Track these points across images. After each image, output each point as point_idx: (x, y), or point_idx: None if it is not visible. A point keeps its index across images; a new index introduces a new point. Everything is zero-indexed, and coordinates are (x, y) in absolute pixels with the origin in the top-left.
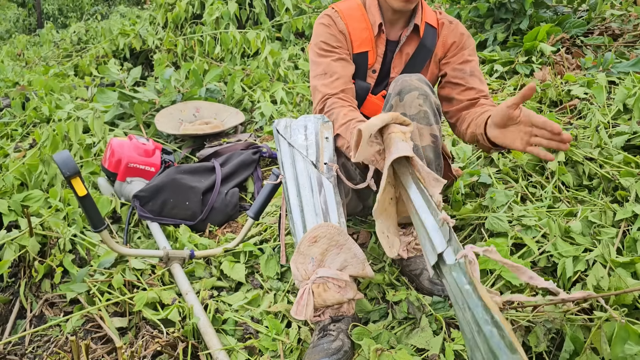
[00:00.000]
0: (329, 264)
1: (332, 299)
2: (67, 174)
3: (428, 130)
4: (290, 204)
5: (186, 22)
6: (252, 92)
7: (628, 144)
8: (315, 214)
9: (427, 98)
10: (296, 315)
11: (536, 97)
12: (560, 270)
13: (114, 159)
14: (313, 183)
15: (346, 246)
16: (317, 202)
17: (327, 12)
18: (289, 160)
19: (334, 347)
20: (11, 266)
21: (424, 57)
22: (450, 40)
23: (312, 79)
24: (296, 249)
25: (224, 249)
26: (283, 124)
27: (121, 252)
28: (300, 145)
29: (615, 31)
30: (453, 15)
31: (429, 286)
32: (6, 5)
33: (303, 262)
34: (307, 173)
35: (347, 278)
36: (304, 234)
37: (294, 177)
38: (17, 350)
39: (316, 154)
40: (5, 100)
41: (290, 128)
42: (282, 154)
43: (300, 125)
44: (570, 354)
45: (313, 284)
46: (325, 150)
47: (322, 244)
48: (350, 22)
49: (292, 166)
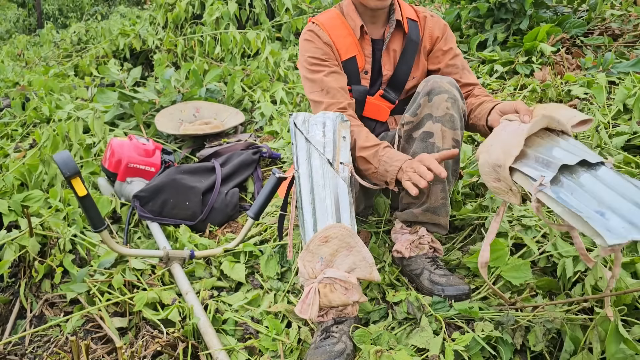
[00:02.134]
0: (338, 265)
1: (338, 301)
2: (67, 174)
3: (451, 135)
4: (302, 200)
5: (186, 22)
6: (252, 92)
7: (628, 144)
8: (327, 214)
9: (456, 102)
10: (300, 314)
11: (536, 97)
12: (560, 270)
13: (114, 159)
14: (328, 182)
15: (356, 249)
16: (330, 202)
17: (309, 27)
18: (305, 155)
19: (337, 350)
20: (11, 266)
21: (412, 51)
22: (436, 33)
23: (310, 94)
24: (305, 246)
25: (224, 249)
26: (301, 118)
27: (121, 252)
28: (317, 141)
29: (615, 31)
30: (453, 15)
31: (429, 286)
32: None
33: (311, 261)
34: (323, 171)
35: (355, 281)
36: (315, 232)
37: (309, 173)
38: (17, 350)
39: (333, 153)
40: (6, 100)
41: (309, 123)
42: (297, 148)
43: (319, 122)
44: (570, 354)
45: (320, 283)
46: (342, 149)
47: (332, 244)
48: (332, 31)
49: (307, 162)
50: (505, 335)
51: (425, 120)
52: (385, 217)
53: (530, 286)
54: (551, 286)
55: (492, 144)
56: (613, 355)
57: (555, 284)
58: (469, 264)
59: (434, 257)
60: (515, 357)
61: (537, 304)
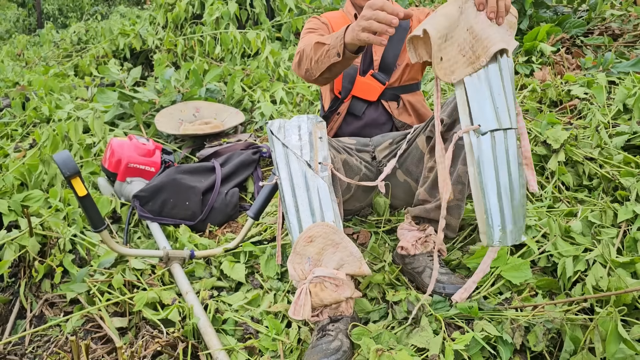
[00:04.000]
0: (326, 263)
1: (329, 298)
2: (67, 174)
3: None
4: (286, 204)
5: (186, 22)
6: (252, 92)
7: (628, 144)
8: (310, 214)
9: None
10: (294, 316)
11: (536, 97)
12: (560, 270)
13: (114, 159)
14: (308, 183)
15: (342, 245)
16: (312, 202)
17: (312, 17)
18: (284, 160)
19: (333, 347)
20: (11, 266)
21: (400, 36)
22: (422, 17)
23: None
24: (292, 249)
25: (224, 249)
26: (277, 125)
27: (121, 252)
28: (294, 145)
29: (615, 31)
30: None
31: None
32: (6, 5)
33: (300, 262)
34: (302, 173)
35: (344, 277)
36: (300, 233)
37: (289, 177)
38: (17, 350)
39: (310, 154)
40: (5, 100)
41: (284, 128)
42: (276, 154)
43: (294, 126)
44: (570, 354)
45: (310, 283)
46: (320, 149)
47: (318, 243)
48: (333, 21)
49: (286, 166)
50: (505, 335)
51: (458, 122)
52: (385, 217)
53: (530, 286)
54: (551, 286)
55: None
56: (613, 356)
57: (555, 284)
58: (469, 264)
59: (437, 256)
60: (515, 357)
61: (537, 304)
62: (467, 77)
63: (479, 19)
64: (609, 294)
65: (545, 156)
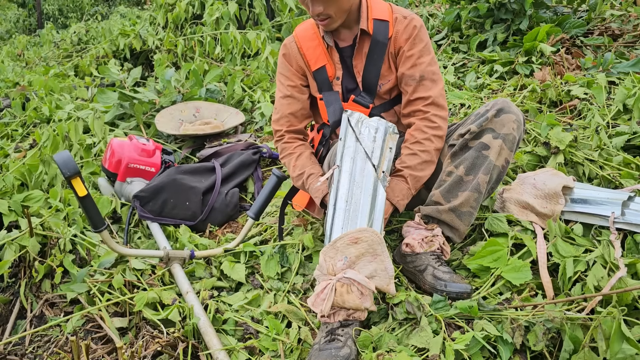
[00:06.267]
0: (360, 269)
1: (352, 303)
2: (68, 174)
3: (506, 154)
4: (337, 195)
5: (186, 23)
6: (252, 92)
7: (628, 144)
8: (362, 215)
9: (520, 127)
10: (313, 307)
11: (536, 98)
12: (561, 271)
13: (114, 159)
14: (369, 186)
15: (380, 257)
16: (366, 205)
17: (286, 40)
18: (351, 154)
19: (342, 354)
20: (11, 266)
21: (380, 51)
22: (402, 37)
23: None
24: (331, 241)
25: (224, 249)
26: (356, 117)
27: (121, 252)
28: (367, 145)
29: (615, 31)
30: (453, 16)
31: (432, 281)
32: (6, 5)
33: (333, 257)
34: (367, 173)
35: (373, 288)
36: (342, 229)
37: (351, 171)
38: (18, 350)
39: (379, 159)
40: (6, 100)
41: (362, 124)
42: (345, 145)
43: (372, 126)
44: (570, 354)
45: (338, 281)
46: (387, 159)
47: (360, 247)
48: (303, 42)
49: (352, 161)
50: (505, 335)
51: (485, 133)
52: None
53: (530, 286)
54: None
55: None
56: (615, 355)
57: (555, 284)
58: (469, 265)
59: (439, 256)
60: (515, 356)
61: (537, 304)
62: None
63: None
64: (609, 293)
65: (545, 157)
